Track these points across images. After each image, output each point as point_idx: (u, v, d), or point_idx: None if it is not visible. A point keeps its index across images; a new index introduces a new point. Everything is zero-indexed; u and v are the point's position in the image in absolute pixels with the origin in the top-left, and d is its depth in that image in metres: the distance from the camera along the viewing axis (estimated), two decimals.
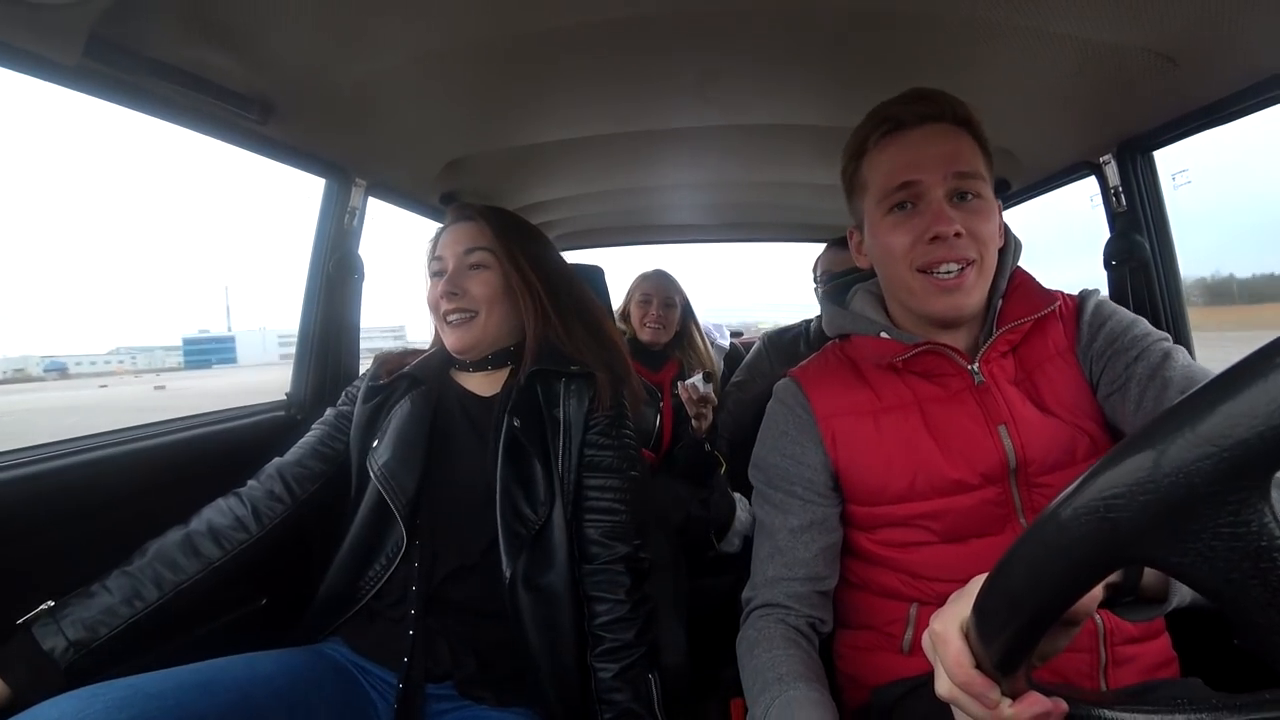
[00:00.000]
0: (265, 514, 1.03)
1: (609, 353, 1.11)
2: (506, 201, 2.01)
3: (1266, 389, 0.26)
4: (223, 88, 1.02)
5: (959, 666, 0.44)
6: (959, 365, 0.86)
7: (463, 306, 1.05)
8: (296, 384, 1.45)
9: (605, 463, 1.05)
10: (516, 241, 1.09)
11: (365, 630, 1.01)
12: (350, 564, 1.02)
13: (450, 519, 1.02)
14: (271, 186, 55.11)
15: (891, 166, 0.84)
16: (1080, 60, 1.01)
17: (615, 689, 0.97)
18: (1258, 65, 0.93)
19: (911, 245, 0.82)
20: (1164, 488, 0.29)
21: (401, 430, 1.04)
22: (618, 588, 1.01)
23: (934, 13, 0.95)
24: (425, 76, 1.12)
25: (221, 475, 1.15)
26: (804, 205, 2.24)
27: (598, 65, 1.15)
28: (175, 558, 0.95)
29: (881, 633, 0.92)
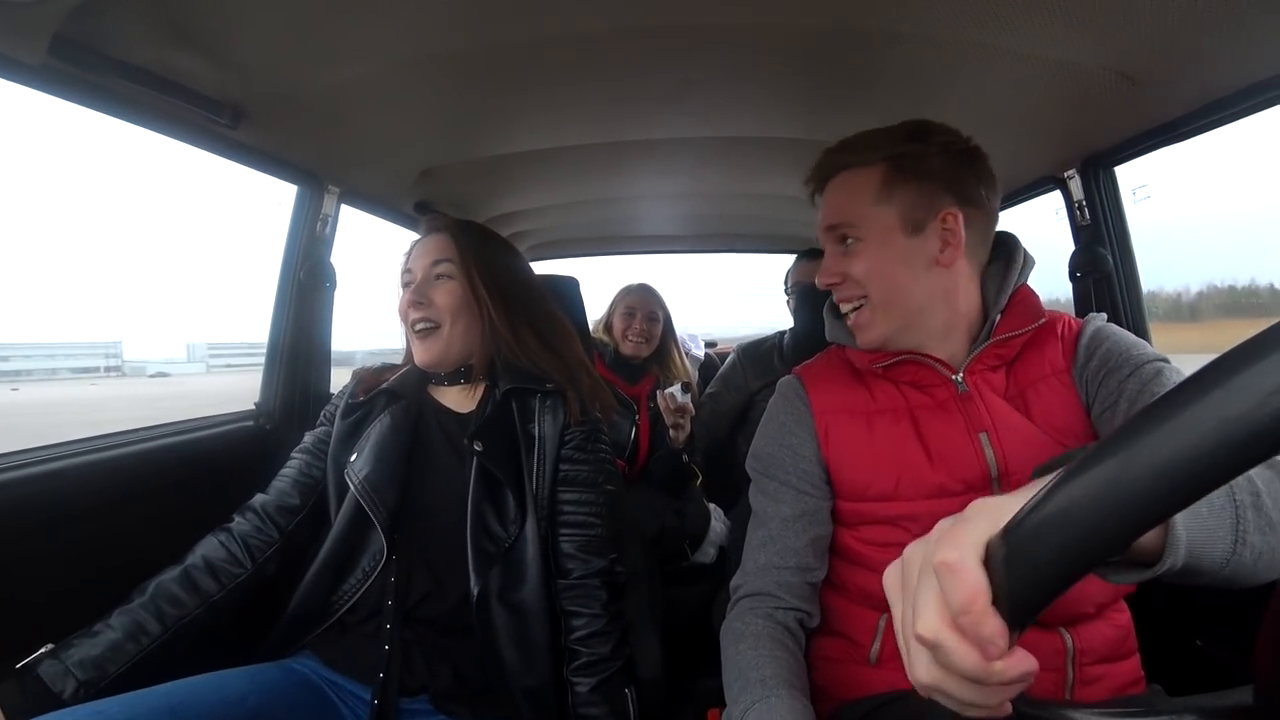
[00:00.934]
0: (257, 550, 1.03)
1: (569, 368, 1.11)
2: (482, 210, 2.01)
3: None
4: (193, 91, 1.01)
5: (975, 601, 0.34)
6: (943, 375, 0.88)
7: (427, 316, 1.05)
8: (266, 393, 1.42)
9: (580, 478, 1.06)
10: (477, 254, 1.09)
11: (337, 644, 1.00)
12: (325, 578, 1.00)
13: (426, 533, 1.01)
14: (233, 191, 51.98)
15: (817, 220, 0.94)
16: (1045, 79, 1.04)
17: (592, 703, 0.97)
18: (1213, 85, 0.97)
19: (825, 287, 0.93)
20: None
21: (382, 443, 1.03)
22: (594, 602, 1.01)
23: (905, 31, 0.97)
24: (400, 84, 1.12)
25: (190, 487, 1.13)
26: (777, 216, 2.26)
27: (574, 76, 1.15)
28: (176, 593, 0.95)
29: (851, 641, 0.93)
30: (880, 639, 0.89)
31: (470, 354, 1.08)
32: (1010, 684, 0.35)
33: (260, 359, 1.46)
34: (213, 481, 1.18)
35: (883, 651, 0.89)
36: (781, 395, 0.99)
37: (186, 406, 5.09)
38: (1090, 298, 1.35)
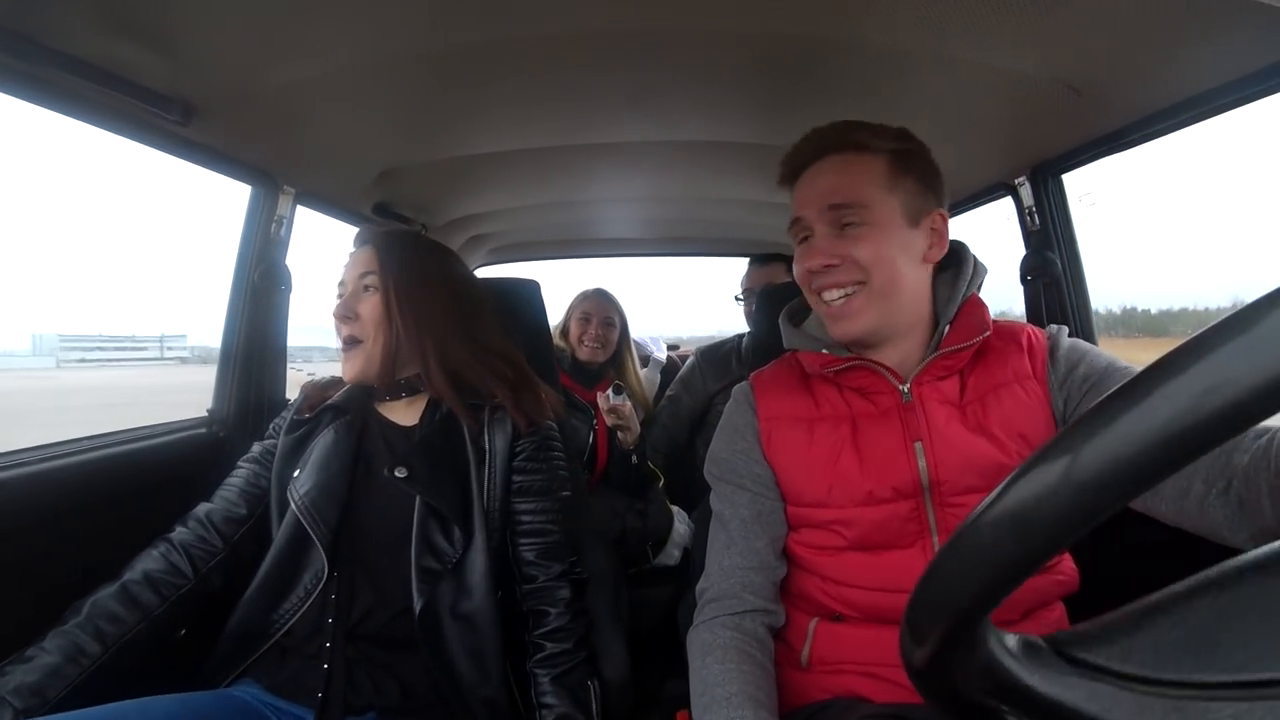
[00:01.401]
0: (199, 560, 1.00)
1: (505, 382, 1.08)
2: (442, 213, 1.98)
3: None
4: (142, 86, 0.97)
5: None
6: (890, 384, 0.89)
7: (351, 332, 1.03)
8: (219, 399, 1.38)
9: (534, 487, 1.06)
10: (399, 266, 1.06)
11: (277, 667, 0.97)
12: (264, 598, 0.98)
13: (370, 550, 0.99)
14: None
15: (793, 205, 0.92)
16: (996, 88, 1.08)
17: (553, 693, 0.97)
18: (1152, 98, 1.01)
19: (805, 274, 0.90)
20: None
21: (324, 460, 1.01)
22: (557, 601, 1.03)
23: (860, 38, 0.99)
24: (358, 84, 1.10)
25: (139, 498, 1.09)
26: (737, 220, 2.29)
27: (534, 78, 1.15)
28: (114, 610, 0.91)
29: (787, 644, 0.95)
30: (810, 642, 0.91)
31: (404, 367, 1.06)
32: None
33: (141, 356, 1.41)
34: (164, 492, 1.13)
35: (813, 655, 0.91)
36: (734, 401, 1.01)
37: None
38: (1040, 300, 1.40)
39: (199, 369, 33.43)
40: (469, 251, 2.46)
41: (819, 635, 0.90)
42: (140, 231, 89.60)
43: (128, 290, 59.37)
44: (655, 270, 43.22)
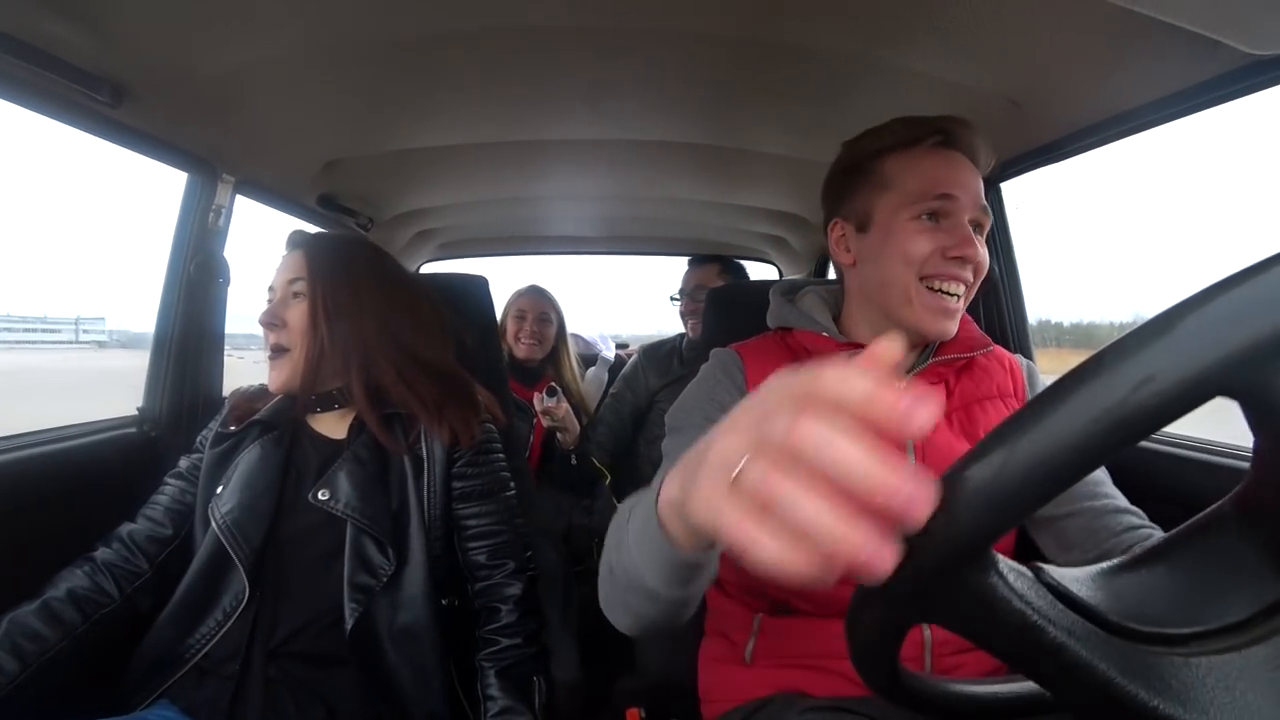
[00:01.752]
0: (124, 580, 0.96)
1: (427, 398, 1.05)
2: (389, 206, 1.94)
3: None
4: (66, 64, 0.91)
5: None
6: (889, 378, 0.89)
7: (279, 340, 1.00)
8: (151, 397, 1.31)
9: (476, 491, 1.05)
10: (329, 273, 1.02)
11: (194, 691, 0.92)
12: (179, 622, 0.94)
13: (299, 567, 0.96)
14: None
15: (936, 176, 0.84)
16: (940, 98, 1.11)
17: (498, 686, 0.97)
18: (1089, 110, 1.06)
19: (929, 255, 0.83)
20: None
21: (249, 477, 0.98)
22: (509, 598, 1.03)
23: (811, 45, 1.01)
24: (304, 71, 1.06)
25: (62, 504, 1.03)
26: (687, 220, 2.31)
27: (486, 72, 1.13)
28: (34, 627, 0.87)
29: (730, 640, 0.95)
30: (755, 637, 0.91)
31: (329, 379, 1.02)
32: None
33: (54, 339, 1.33)
34: (90, 496, 1.07)
35: (757, 649, 0.91)
36: (718, 363, 0.95)
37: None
38: (979, 304, 1.45)
39: (118, 353, 31.47)
40: (416, 247, 2.41)
41: (764, 630, 0.91)
42: (58, 210, 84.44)
43: (40, 271, 54.58)
44: (606, 268, 42.49)
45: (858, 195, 0.90)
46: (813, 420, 0.29)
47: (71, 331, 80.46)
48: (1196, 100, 0.94)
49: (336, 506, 0.95)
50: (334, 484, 0.97)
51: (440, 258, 2.65)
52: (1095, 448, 0.29)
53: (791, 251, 2.43)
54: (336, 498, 0.95)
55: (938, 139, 0.86)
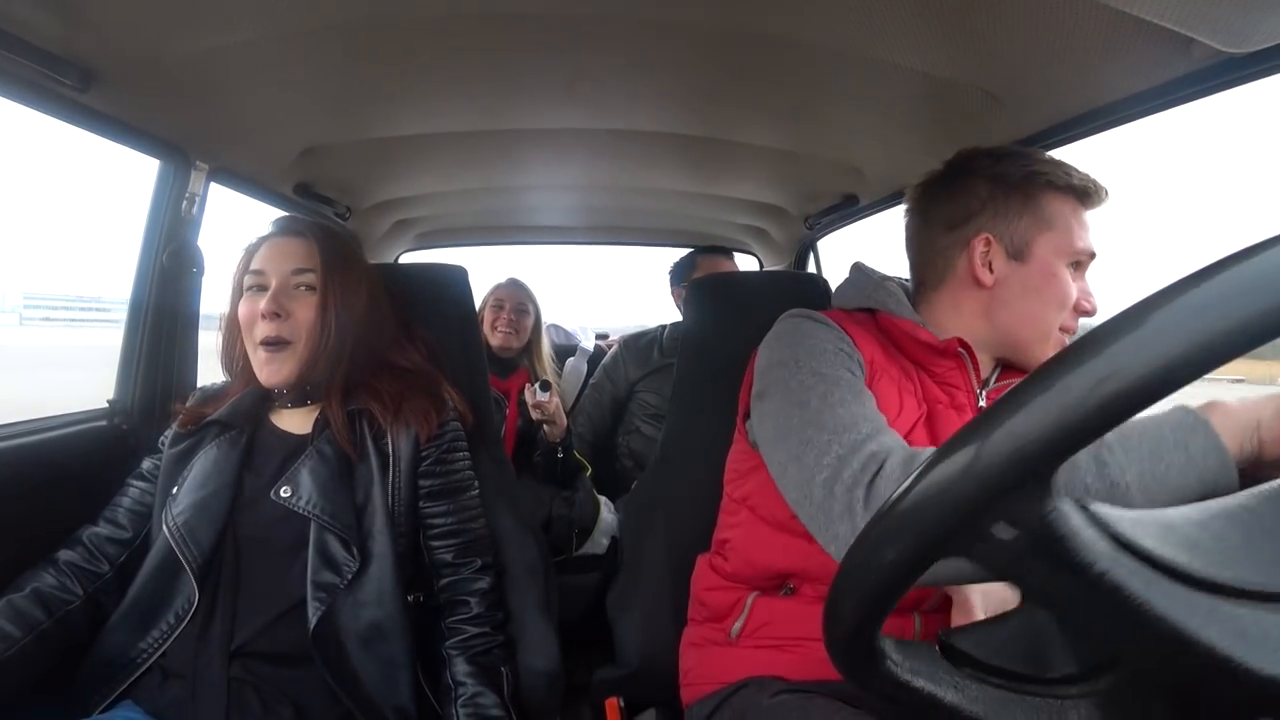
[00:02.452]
0: (85, 581, 0.95)
1: (379, 403, 1.03)
2: (367, 195, 1.92)
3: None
4: (32, 46, 0.89)
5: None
6: (970, 384, 0.90)
7: (281, 333, 0.96)
8: (122, 389, 1.28)
9: (441, 490, 1.04)
10: (343, 269, 1.01)
11: (158, 693, 0.91)
12: (130, 624, 0.92)
13: (259, 568, 0.95)
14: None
15: (1086, 234, 0.87)
16: (921, 91, 1.12)
17: (467, 673, 0.97)
18: (1067, 104, 1.08)
19: (1072, 304, 0.87)
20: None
21: (203, 478, 0.96)
22: (475, 592, 1.03)
23: (793, 36, 1.01)
24: (281, 54, 1.04)
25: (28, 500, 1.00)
26: (668, 211, 2.31)
27: (467, 59, 1.12)
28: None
29: (715, 624, 0.97)
30: (745, 615, 0.93)
31: (314, 374, 1.00)
32: None
33: (107, 318, 1.30)
34: (60, 491, 1.04)
35: (745, 627, 0.93)
36: (815, 322, 0.90)
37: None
38: None
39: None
40: (395, 236, 2.39)
41: (754, 610, 0.93)
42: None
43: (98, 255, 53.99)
44: (587, 260, 42.45)
45: (1017, 221, 0.88)
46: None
47: (123, 310, 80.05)
48: (1171, 96, 0.96)
49: (299, 504, 0.93)
50: (296, 480, 0.95)
51: (419, 247, 2.62)
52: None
53: (772, 243, 2.44)
54: (299, 494, 0.94)
55: (1093, 201, 0.89)
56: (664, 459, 1.27)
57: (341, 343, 0.99)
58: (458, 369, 1.27)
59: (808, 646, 0.88)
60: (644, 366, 2.17)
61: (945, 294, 0.94)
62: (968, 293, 0.91)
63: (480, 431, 1.27)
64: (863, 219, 1.90)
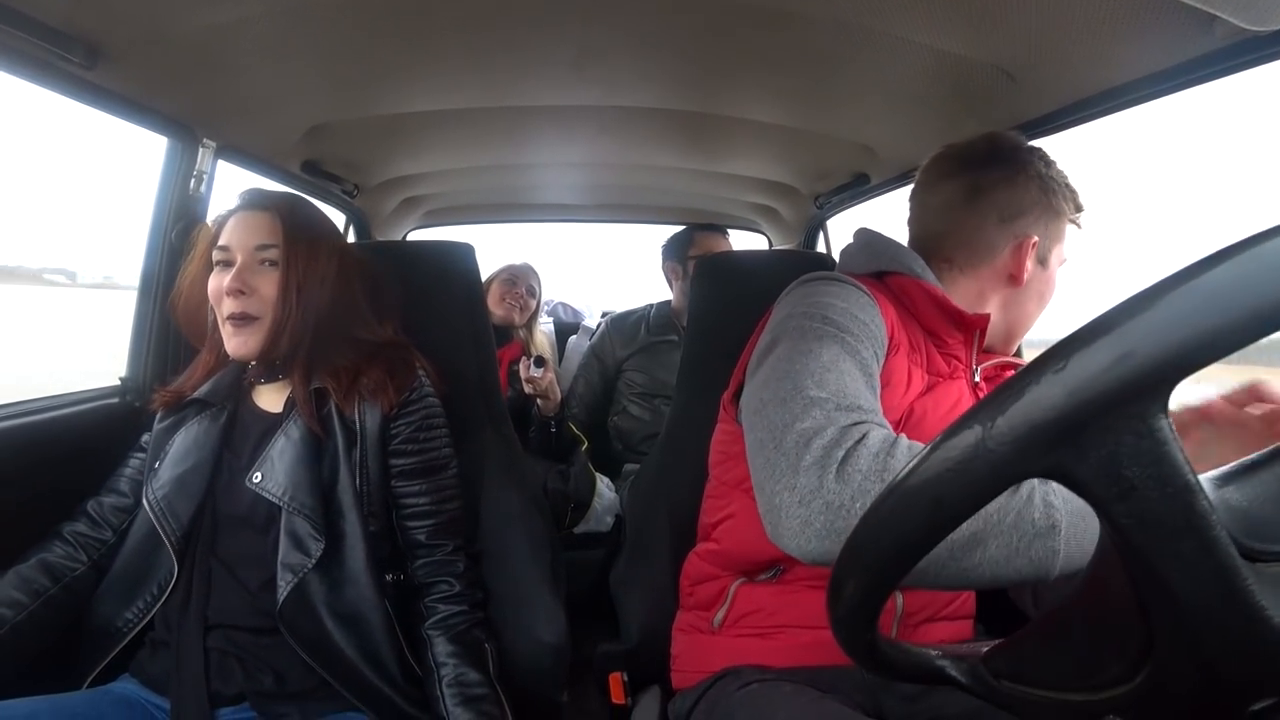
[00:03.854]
0: (90, 548, 0.98)
1: (333, 378, 1.02)
2: (374, 173, 1.91)
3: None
4: (37, 22, 0.88)
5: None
6: (969, 360, 0.92)
7: (247, 309, 0.96)
8: (134, 366, 1.29)
9: (415, 469, 1.03)
10: (307, 242, 1.00)
11: (149, 663, 0.94)
12: (114, 595, 0.95)
13: (234, 545, 0.96)
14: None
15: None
16: (934, 68, 1.10)
17: (449, 653, 0.98)
18: (1083, 83, 1.05)
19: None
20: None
21: (184, 454, 0.97)
22: (452, 573, 1.03)
23: (803, 12, 0.99)
24: (287, 31, 1.03)
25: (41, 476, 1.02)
26: (679, 189, 2.29)
27: (474, 36, 1.11)
28: (9, 593, 0.89)
29: (700, 611, 0.99)
30: (728, 604, 0.94)
31: (282, 348, 0.99)
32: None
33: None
34: (72, 467, 1.06)
35: (727, 616, 0.94)
36: (842, 281, 0.87)
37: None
38: None
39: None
40: (403, 214, 2.39)
41: (736, 598, 0.94)
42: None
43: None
44: (596, 237, 41.95)
45: (1053, 229, 0.92)
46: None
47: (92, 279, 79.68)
48: (1191, 75, 0.94)
49: (269, 488, 0.94)
50: (267, 464, 0.95)
51: (427, 225, 2.62)
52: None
53: (782, 222, 2.42)
54: (269, 479, 0.94)
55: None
56: (669, 438, 1.27)
57: (305, 318, 0.98)
58: (465, 346, 1.27)
59: (788, 633, 0.89)
60: (630, 345, 2.18)
61: (974, 279, 0.93)
62: (999, 284, 0.92)
63: (487, 408, 1.28)
64: (874, 198, 1.88)
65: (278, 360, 1.00)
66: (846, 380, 0.72)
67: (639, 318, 2.24)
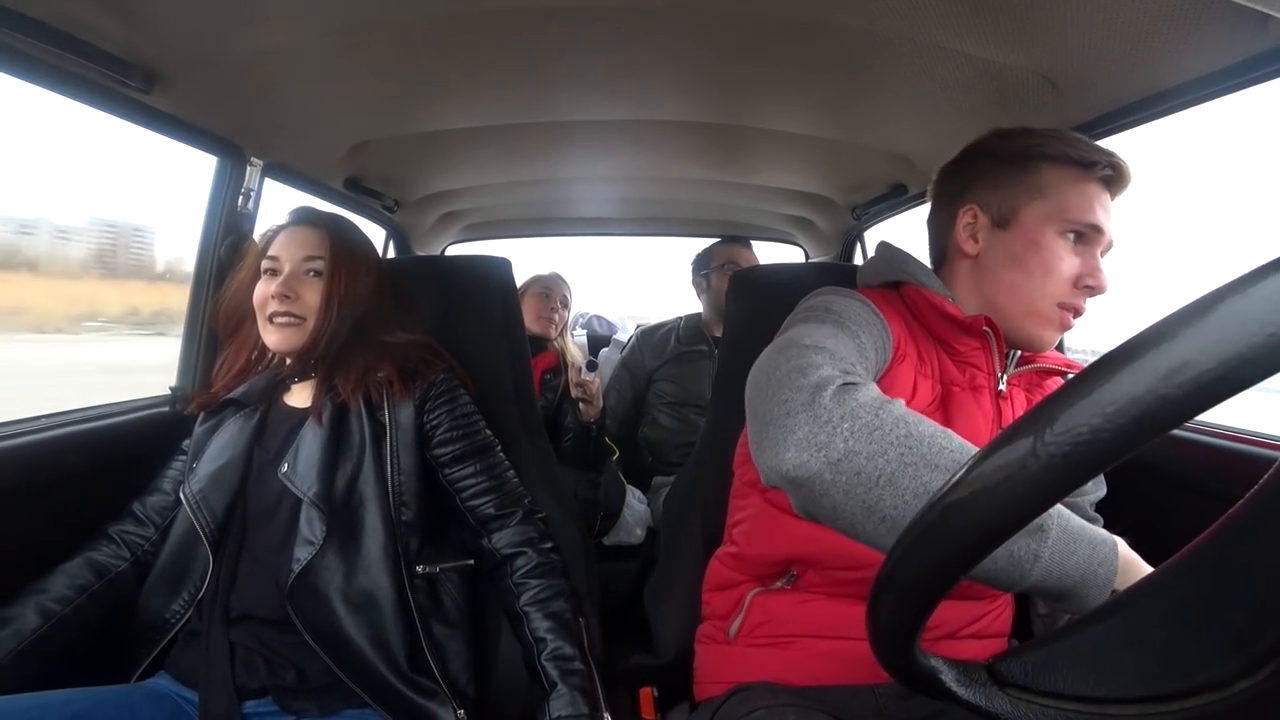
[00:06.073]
0: (134, 545, 1.03)
1: (356, 376, 1.07)
2: (415, 189, 1.95)
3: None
4: (100, 50, 0.94)
5: None
6: (992, 366, 0.88)
7: (292, 311, 1.03)
8: (184, 375, 1.34)
9: (466, 452, 1.08)
10: (349, 258, 1.08)
11: (181, 656, 0.98)
12: (160, 590, 0.99)
13: (260, 538, 1.00)
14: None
15: (1092, 204, 0.83)
16: (973, 76, 1.08)
17: (546, 627, 1.00)
18: (1129, 88, 1.03)
19: (1074, 279, 0.83)
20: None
21: (219, 452, 1.03)
22: (529, 540, 1.07)
23: (839, 22, 0.99)
24: (331, 53, 1.07)
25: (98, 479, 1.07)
26: (713, 202, 2.29)
27: (510, 54, 1.13)
28: (53, 585, 0.95)
29: (720, 623, 0.97)
30: (743, 614, 0.93)
31: (318, 350, 1.06)
32: None
33: None
34: (123, 473, 1.10)
35: (742, 626, 0.93)
36: (847, 295, 0.87)
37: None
38: None
39: None
40: (442, 228, 2.43)
41: (752, 608, 0.93)
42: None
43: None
44: (632, 251, 41.81)
45: (1005, 190, 0.87)
46: None
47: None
48: (1244, 77, 0.91)
49: (294, 481, 0.98)
50: (295, 457, 1.00)
51: (465, 239, 2.66)
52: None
53: (818, 233, 2.40)
54: (295, 471, 0.99)
55: (1108, 173, 0.84)
56: (703, 452, 1.26)
57: (341, 325, 1.05)
58: (501, 358, 1.28)
59: (802, 643, 0.88)
60: (660, 356, 2.19)
61: (946, 270, 0.94)
62: (960, 263, 0.91)
63: (523, 419, 1.29)
64: (912, 209, 1.85)
65: (313, 360, 1.07)
66: (842, 348, 0.72)
67: (669, 329, 2.26)
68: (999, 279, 0.87)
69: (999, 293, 0.87)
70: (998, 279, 0.87)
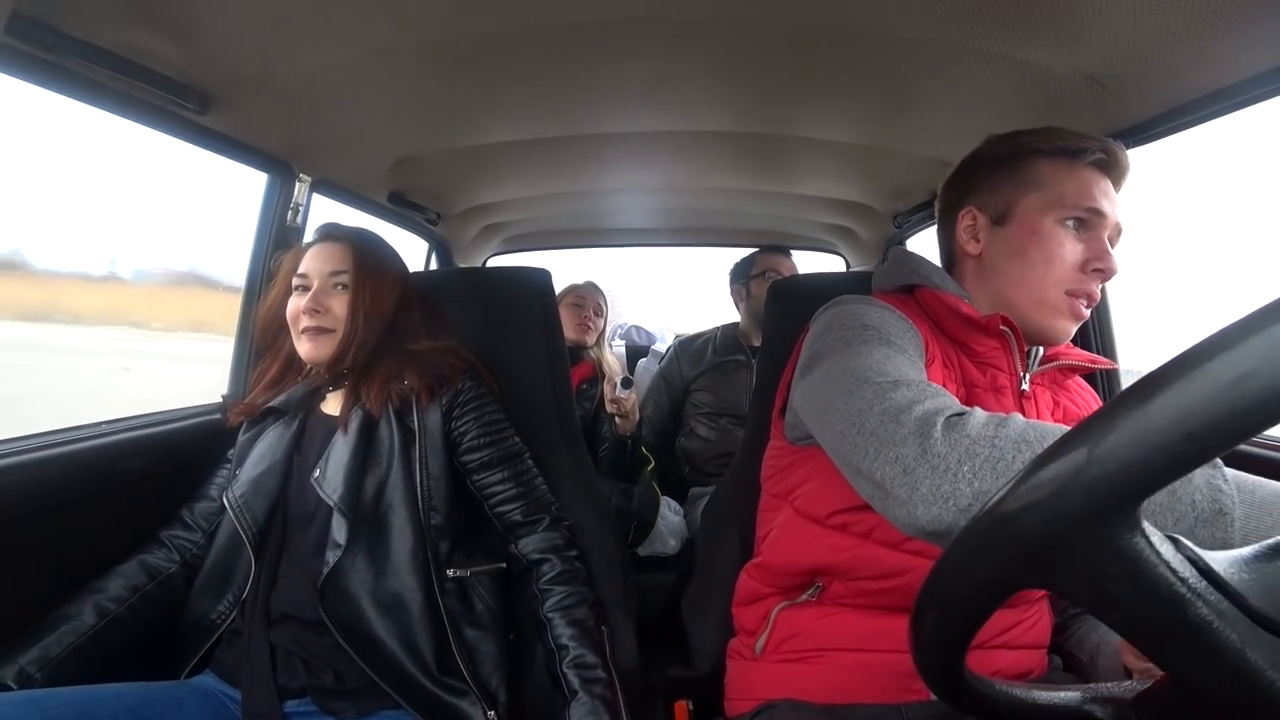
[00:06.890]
0: (183, 549, 1.08)
1: (380, 383, 1.09)
2: (457, 202, 1.99)
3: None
4: (159, 74, 0.98)
5: None
6: (1014, 366, 0.87)
7: (322, 324, 1.07)
8: (235, 385, 1.39)
9: (495, 459, 1.10)
10: (375, 271, 1.12)
11: (225, 656, 1.01)
12: (206, 591, 1.03)
13: (297, 543, 1.03)
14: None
15: (1090, 189, 0.82)
16: (1017, 81, 1.06)
17: (570, 634, 1.01)
18: (1178, 90, 0.99)
19: (1079, 264, 0.82)
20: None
21: (260, 459, 1.07)
22: (555, 547, 1.09)
23: (880, 28, 0.98)
24: (375, 72, 1.10)
25: (153, 483, 1.11)
26: (753, 212, 2.28)
27: (549, 68, 1.15)
28: (108, 585, 0.99)
29: (746, 638, 0.97)
30: (769, 629, 0.92)
31: (350, 359, 1.10)
32: None
33: None
34: (177, 478, 1.14)
35: (769, 642, 0.92)
36: (869, 302, 0.87)
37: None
38: None
39: None
40: (484, 240, 2.47)
41: (779, 623, 0.92)
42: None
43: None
44: (672, 260, 41.65)
45: (1000, 188, 0.87)
46: None
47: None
48: None
49: (324, 486, 1.01)
50: (326, 464, 1.03)
51: (505, 251, 2.70)
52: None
53: (859, 242, 2.37)
54: (325, 477, 1.02)
55: (1100, 157, 0.83)
56: (741, 463, 1.25)
57: (369, 335, 1.09)
58: (540, 369, 1.30)
59: (828, 656, 0.87)
60: (698, 366, 2.19)
61: (954, 276, 0.94)
62: (965, 265, 0.92)
63: (562, 429, 1.30)
64: None
65: (344, 369, 1.10)
66: (907, 369, 0.71)
67: (706, 339, 2.25)
68: (1004, 274, 0.87)
69: (1006, 288, 0.87)
70: (1003, 274, 0.87)
